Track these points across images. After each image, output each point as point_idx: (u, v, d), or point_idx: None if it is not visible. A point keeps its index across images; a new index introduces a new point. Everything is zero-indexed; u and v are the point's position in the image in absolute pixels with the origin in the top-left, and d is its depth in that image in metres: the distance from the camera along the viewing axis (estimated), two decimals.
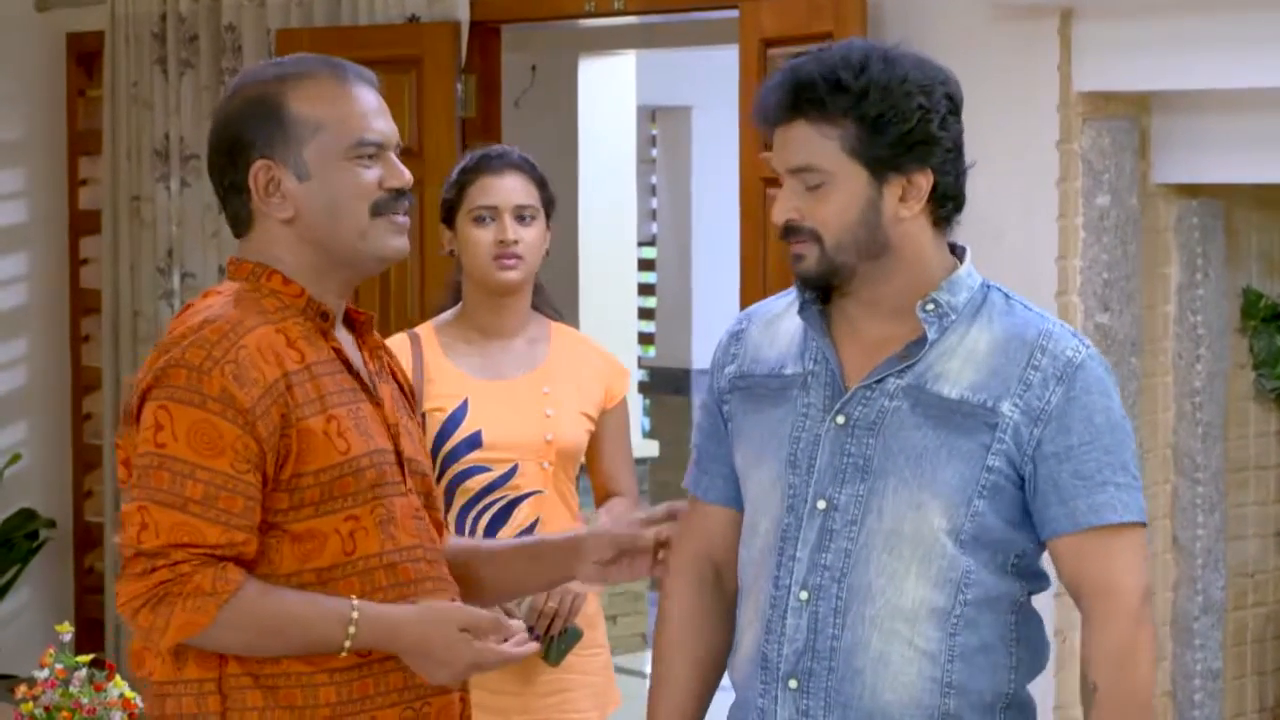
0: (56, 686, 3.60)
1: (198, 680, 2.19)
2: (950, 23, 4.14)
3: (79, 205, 6.12)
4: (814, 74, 2.21)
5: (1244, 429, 4.19)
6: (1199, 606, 4.09)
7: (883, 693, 2.22)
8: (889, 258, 2.25)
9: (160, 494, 2.14)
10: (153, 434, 2.16)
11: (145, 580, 2.14)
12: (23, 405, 6.18)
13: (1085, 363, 2.23)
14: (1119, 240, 3.98)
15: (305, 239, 2.27)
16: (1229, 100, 3.85)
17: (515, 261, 3.23)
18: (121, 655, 5.79)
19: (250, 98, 2.27)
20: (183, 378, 2.16)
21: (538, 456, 3.23)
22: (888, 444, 2.23)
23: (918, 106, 2.20)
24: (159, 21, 5.67)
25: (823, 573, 2.24)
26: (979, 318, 2.26)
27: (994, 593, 2.24)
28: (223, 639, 2.17)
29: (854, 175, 2.21)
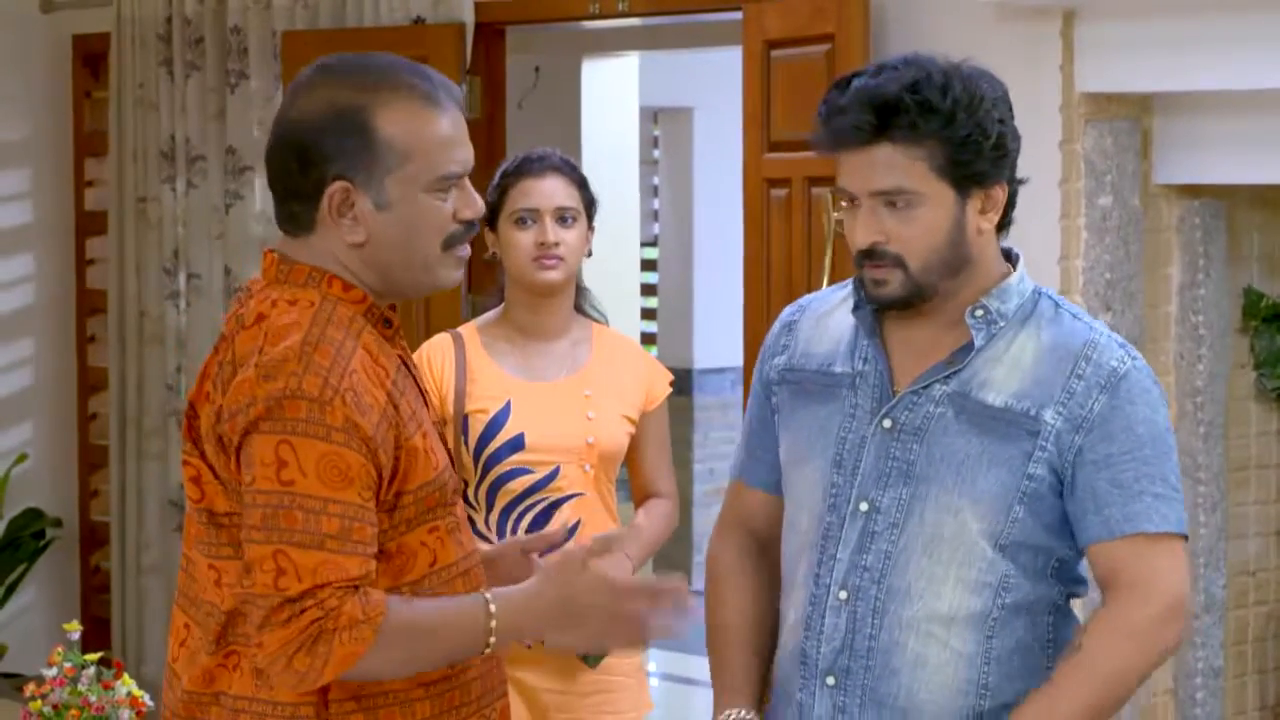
0: (65, 685, 3.62)
1: (292, 704, 2.11)
2: (953, 24, 4.15)
3: (85, 206, 6.13)
4: (899, 95, 2.19)
5: (1245, 428, 4.20)
6: (1200, 605, 4.10)
7: (918, 692, 2.24)
8: (967, 272, 2.27)
9: (296, 535, 2.04)
10: (275, 470, 2.04)
11: (294, 625, 2.04)
12: (29, 405, 6.19)
13: (1130, 373, 2.23)
14: (1121, 240, 3.99)
15: (369, 262, 2.17)
16: (1230, 101, 3.86)
17: (556, 262, 3.23)
18: (129, 653, 5.81)
19: (336, 107, 2.13)
20: (303, 410, 2.05)
21: (579, 459, 3.23)
22: (931, 450, 2.25)
23: (998, 121, 2.22)
24: (165, 23, 5.69)
25: (862, 574, 2.26)
26: (1027, 326, 2.27)
27: (1031, 597, 2.25)
28: (380, 662, 2.08)
29: (942, 195, 2.22)
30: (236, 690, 2.14)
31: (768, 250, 4.43)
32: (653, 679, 6.30)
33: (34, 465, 6.08)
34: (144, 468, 5.83)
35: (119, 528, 5.90)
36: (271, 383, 2.06)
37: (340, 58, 2.21)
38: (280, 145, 2.16)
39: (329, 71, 2.18)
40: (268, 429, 2.05)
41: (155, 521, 5.81)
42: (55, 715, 3.60)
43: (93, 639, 5.28)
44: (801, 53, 4.31)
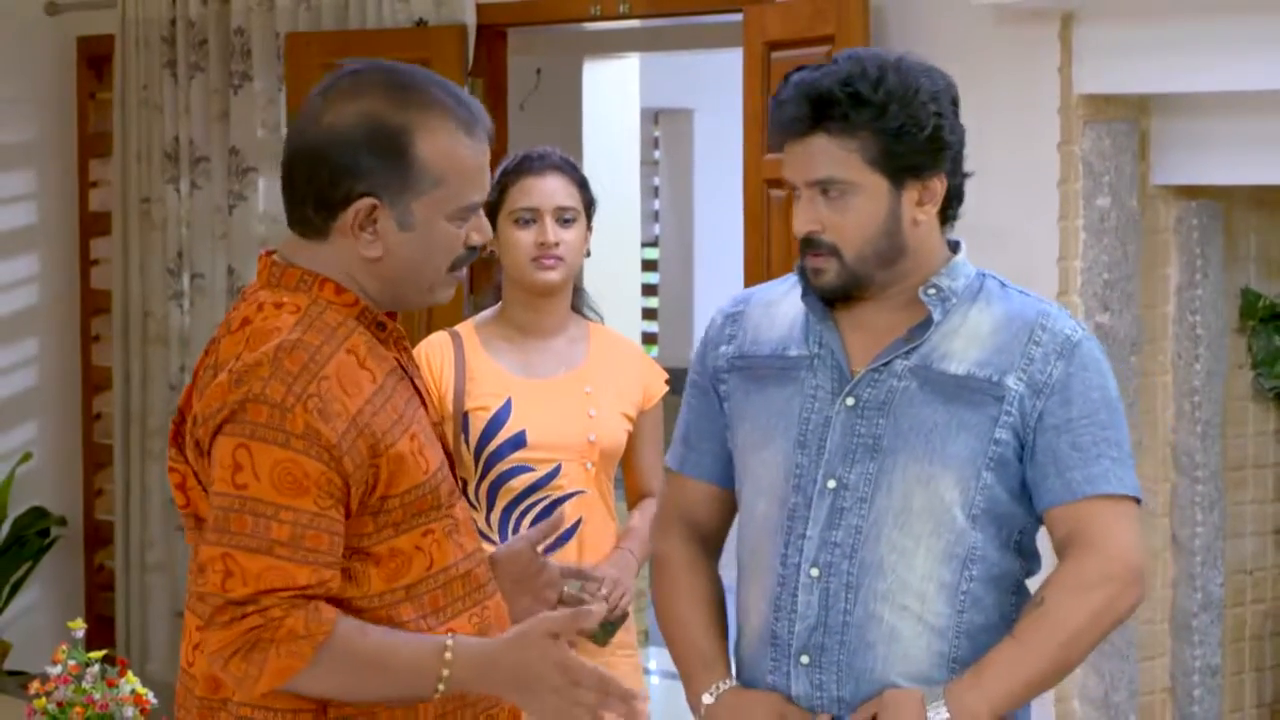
0: (69, 682, 3.61)
1: (292, 710, 2.10)
2: (952, 26, 4.16)
3: (89, 207, 6.15)
4: (832, 88, 2.25)
5: (1242, 428, 4.21)
6: (1198, 603, 4.10)
7: (894, 664, 2.28)
8: (906, 262, 2.31)
9: (244, 539, 2.03)
10: (231, 474, 2.04)
11: (234, 628, 2.04)
12: (34, 404, 6.21)
13: (1083, 342, 2.31)
14: (1119, 241, 4.00)
15: (378, 276, 2.16)
16: (1228, 102, 3.86)
17: (555, 262, 3.22)
18: (133, 651, 5.83)
19: (375, 123, 2.10)
20: (264, 414, 2.04)
21: (581, 457, 3.22)
22: (898, 422, 2.29)
23: (933, 114, 2.27)
24: (169, 25, 5.71)
25: (833, 550, 2.29)
26: (978, 301, 2.33)
27: (997, 570, 2.30)
28: (318, 682, 2.07)
29: (875, 185, 2.27)
30: (239, 698, 2.13)
31: (768, 250, 4.45)
32: (653, 676, 6.31)
33: (38, 464, 6.10)
34: (148, 467, 5.85)
35: (123, 526, 5.92)
36: (240, 388, 2.05)
37: (371, 65, 2.18)
38: (310, 152, 2.13)
39: (364, 82, 2.14)
40: (230, 431, 2.05)
41: (159, 520, 5.83)
42: (60, 713, 3.60)
43: (97, 637, 5.30)
44: (802, 54, 4.32)
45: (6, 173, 6.15)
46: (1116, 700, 3.99)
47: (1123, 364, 3.99)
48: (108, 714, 3.61)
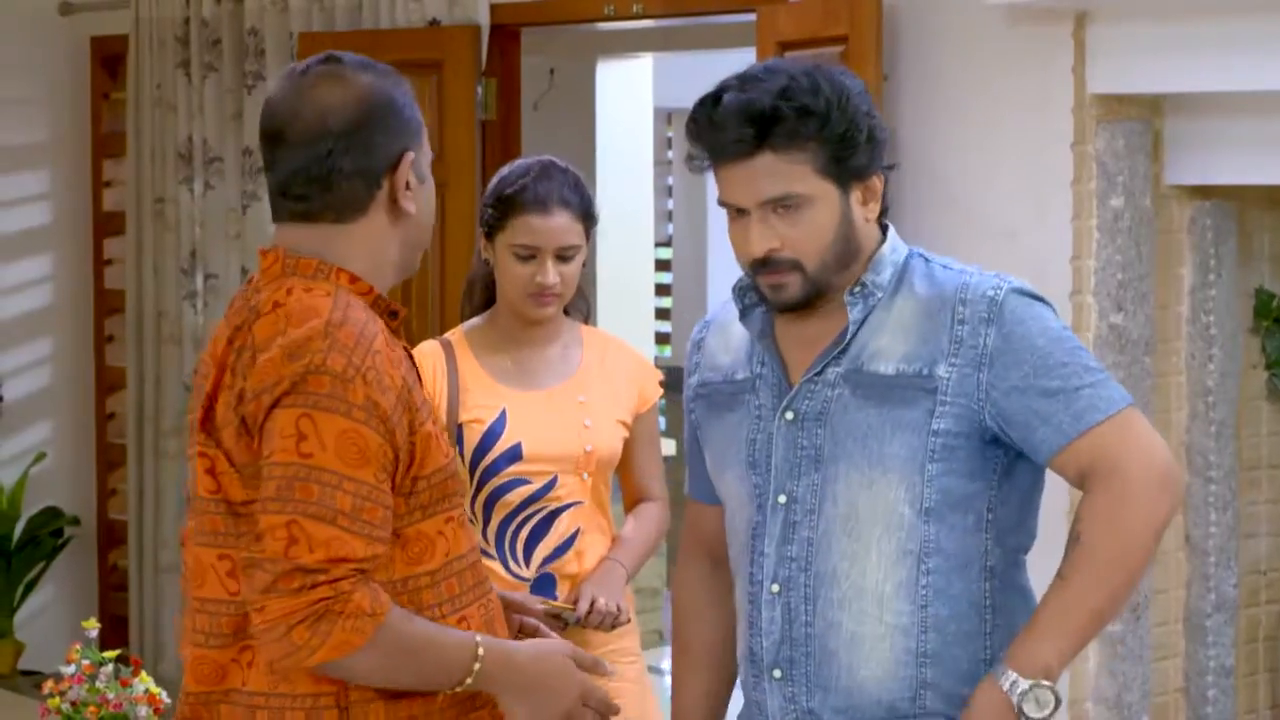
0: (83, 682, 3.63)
1: (312, 695, 2.12)
2: (966, 26, 4.17)
3: (103, 207, 6.18)
4: (776, 104, 2.24)
5: (1256, 428, 4.21)
6: (1211, 604, 4.10)
7: (858, 670, 2.28)
8: (855, 261, 2.33)
9: (310, 506, 2.04)
10: (295, 443, 2.05)
11: (303, 596, 2.04)
12: (48, 405, 6.24)
13: (1007, 298, 2.26)
14: (1133, 241, 4.00)
15: (405, 239, 2.24)
16: (1241, 102, 3.86)
17: (551, 300, 3.16)
18: (146, 650, 5.85)
19: (388, 87, 2.21)
20: (326, 385, 2.07)
21: (577, 468, 3.17)
22: (835, 431, 2.29)
23: (865, 114, 2.28)
24: (182, 25, 5.73)
25: (790, 564, 2.31)
26: (902, 288, 2.32)
27: (958, 559, 2.28)
28: (365, 662, 2.08)
29: (826, 193, 2.27)
30: (252, 686, 2.14)
31: None
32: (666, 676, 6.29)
33: (52, 464, 6.13)
34: (161, 466, 5.86)
35: (136, 526, 5.94)
36: (296, 361, 2.07)
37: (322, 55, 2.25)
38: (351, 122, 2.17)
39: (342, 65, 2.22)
40: (290, 403, 2.06)
41: (172, 520, 5.84)
42: (74, 712, 3.62)
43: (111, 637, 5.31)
44: (815, 54, 4.31)
45: (21, 173, 6.17)
46: (1130, 701, 3.99)
47: (1136, 364, 3.99)
48: (121, 713, 3.62)
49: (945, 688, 2.28)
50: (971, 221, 4.09)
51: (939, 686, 2.28)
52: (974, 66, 4.17)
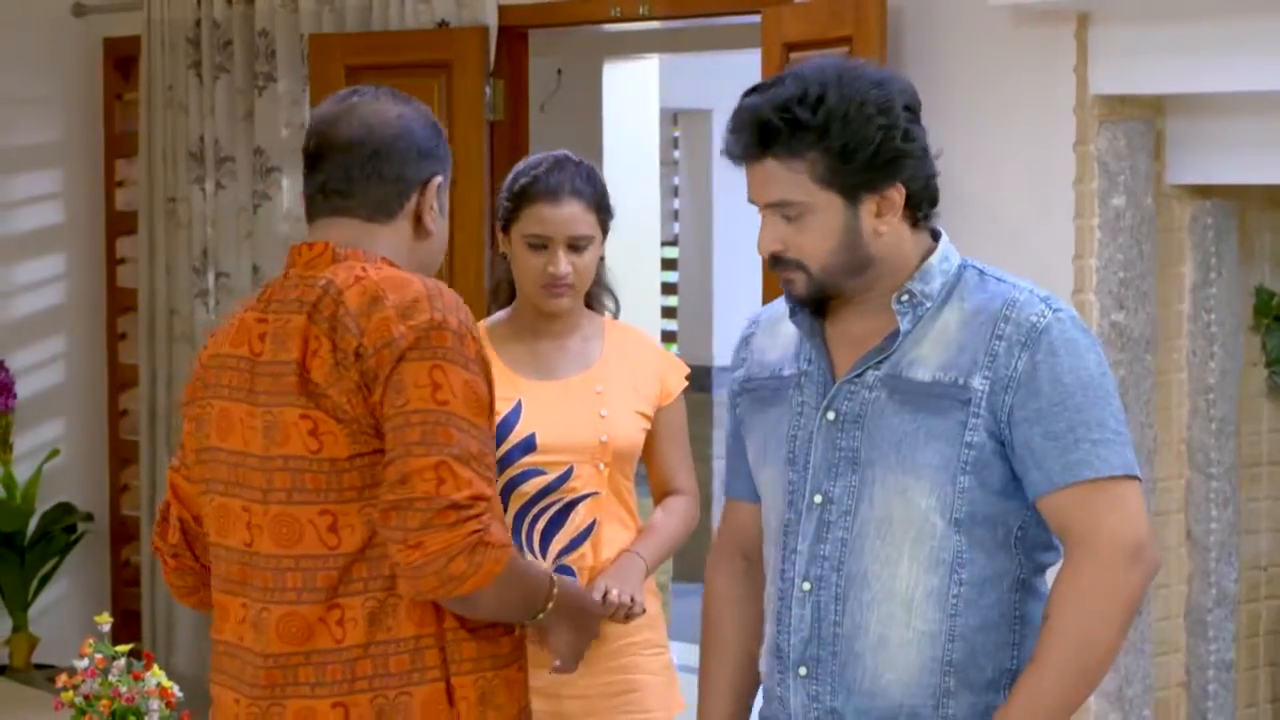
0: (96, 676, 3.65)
1: (414, 637, 2.28)
2: (969, 27, 4.19)
3: (116, 206, 6.20)
4: (770, 116, 2.26)
5: (1257, 425, 4.22)
6: (1212, 599, 4.11)
7: (884, 673, 2.28)
8: (874, 270, 2.32)
9: (453, 449, 2.22)
10: (430, 392, 2.23)
11: (459, 530, 2.20)
12: (61, 402, 6.26)
13: (1050, 326, 2.24)
14: (1134, 240, 4.01)
15: (418, 257, 2.43)
16: (1242, 103, 3.88)
17: (564, 290, 3.17)
18: (158, 644, 5.88)
19: (430, 119, 2.45)
20: (448, 339, 2.26)
21: (593, 458, 3.16)
22: (871, 434, 2.29)
23: (879, 128, 2.25)
24: (194, 27, 5.76)
25: (822, 563, 2.31)
26: (952, 299, 2.31)
27: (990, 571, 2.27)
28: (497, 591, 2.26)
29: (829, 203, 2.27)
30: (350, 641, 2.26)
31: None
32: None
33: (65, 461, 6.15)
34: None
35: (148, 522, 5.95)
36: (415, 317, 2.26)
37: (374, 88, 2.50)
38: (414, 135, 2.41)
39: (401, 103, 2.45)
40: (416, 356, 2.24)
41: None
42: (87, 705, 3.64)
43: (123, 631, 5.34)
44: (820, 55, 4.34)
45: (34, 172, 6.20)
46: (1131, 695, 4.02)
47: (1138, 362, 4.01)
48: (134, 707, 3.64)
49: (969, 698, 2.28)
50: (974, 220, 4.11)
51: (962, 696, 2.28)
52: (977, 67, 4.19)
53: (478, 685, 2.30)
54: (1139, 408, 4.00)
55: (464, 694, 2.29)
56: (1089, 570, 2.20)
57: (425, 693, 2.26)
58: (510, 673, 2.37)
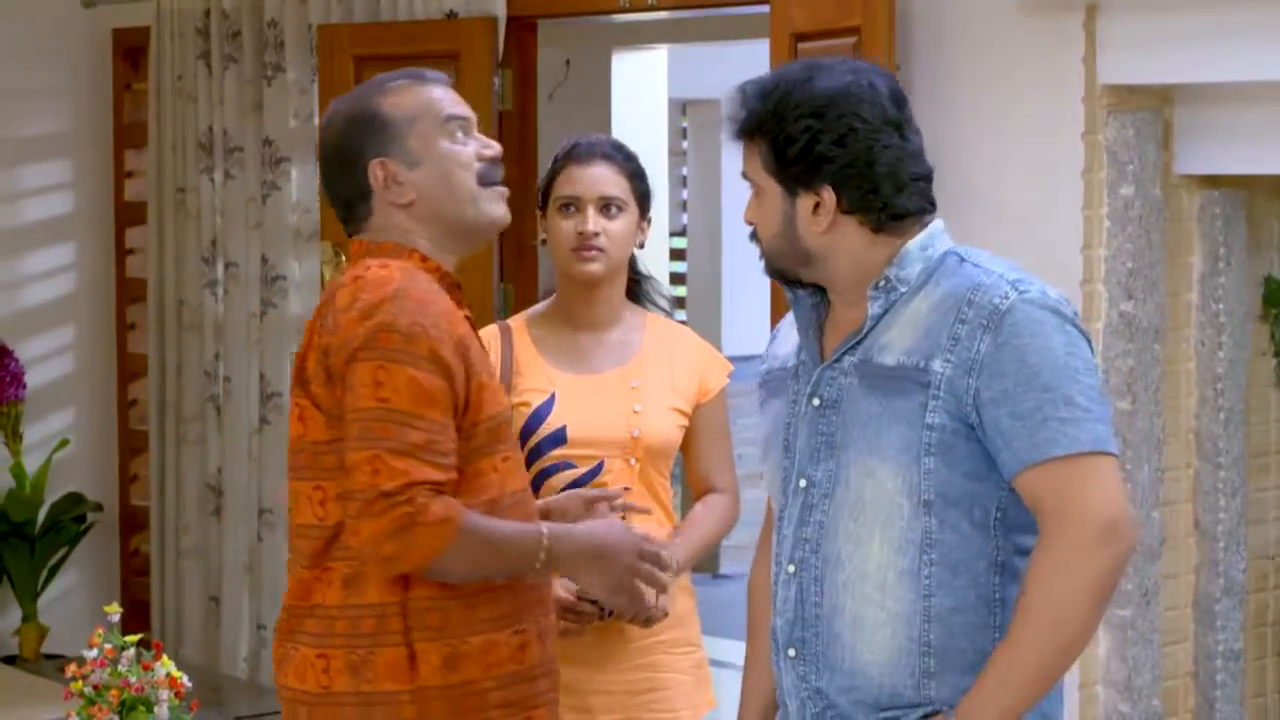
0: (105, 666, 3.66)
1: (380, 604, 2.49)
2: (977, 17, 4.19)
3: (125, 197, 6.22)
4: (737, 99, 2.38)
5: (1265, 414, 4.22)
6: (1220, 589, 4.12)
7: (862, 654, 2.31)
8: (818, 265, 2.37)
9: (389, 443, 2.42)
10: (373, 390, 2.44)
11: (388, 515, 2.41)
12: (70, 392, 6.28)
13: (1014, 307, 2.25)
14: (1143, 230, 4.02)
15: (425, 217, 2.59)
16: (1250, 92, 3.88)
17: (595, 253, 3.16)
18: (168, 634, 5.90)
19: (349, 115, 2.61)
20: (396, 341, 2.44)
21: (624, 453, 3.15)
22: (844, 418, 2.33)
23: (805, 129, 2.31)
24: (203, 17, 5.77)
25: (804, 546, 2.35)
26: (927, 285, 2.33)
27: (963, 553, 2.28)
28: (454, 561, 2.45)
29: (773, 190, 2.36)
30: (330, 601, 2.51)
31: None
32: None
33: (75, 450, 6.17)
34: (182, 452, 5.91)
35: (158, 512, 5.98)
36: (369, 320, 2.46)
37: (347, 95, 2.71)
38: (326, 167, 2.64)
39: (340, 103, 2.66)
40: (365, 357, 2.45)
41: (193, 506, 5.89)
42: (96, 695, 3.66)
43: (132, 621, 5.36)
44: (828, 45, 4.34)
45: (43, 162, 6.22)
46: (1139, 684, 4.02)
47: (1146, 351, 4.01)
48: (143, 697, 3.66)
49: (950, 679, 2.29)
50: (983, 210, 4.12)
51: (943, 677, 2.29)
52: (986, 57, 4.19)
53: (441, 650, 2.49)
54: (1147, 397, 4.00)
55: (427, 658, 2.49)
56: (1060, 547, 2.20)
57: (389, 654, 2.49)
58: (492, 637, 2.53)
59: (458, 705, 2.50)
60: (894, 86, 2.36)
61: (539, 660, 2.59)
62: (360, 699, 2.49)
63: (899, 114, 2.34)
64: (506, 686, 2.54)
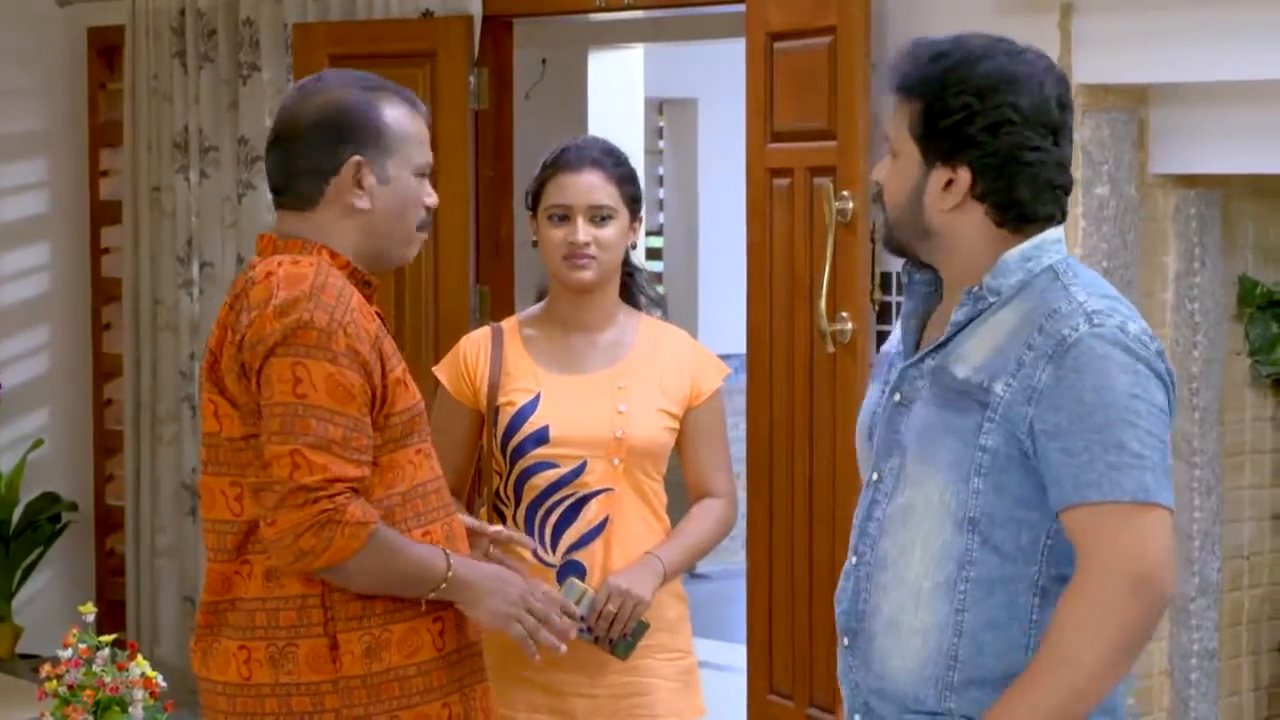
0: (80, 665, 3.67)
1: (301, 595, 2.52)
2: (952, 17, 4.18)
3: (100, 196, 6.20)
4: (905, 55, 2.32)
5: (1240, 414, 4.23)
6: (1195, 588, 4.13)
7: (891, 657, 2.30)
8: (935, 243, 2.32)
9: (308, 438, 2.46)
10: (291, 386, 2.47)
11: (307, 509, 2.45)
12: (46, 392, 6.26)
13: (1080, 340, 2.19)
14: (1118, 230, 4.03)
15: (367, 230, 2.61)
16: (1226, 92, 3.89)
17: (587, 262, 3.15)
18: (143, 634, 5.88)
19: (351, 103, 2.60)
20: (313, 337, 2.47)
21: (607, 453, 3.12)
22: (911, 421, 2.31)
23: (962, 106, 2.25)
24: (178, 16, 5.76)
25: (866, 539, 2.35)
26: (1016, 299, 2.28)
27: (1001, 574, 2.25)
28: (360, 566, 2.49)
29: (910, 155, 2.30)
30: (251, 594, 2.54)
31: (770, 239, 4.48)
32: None
33: (50, 450, 6.15)
34: (158, 452, 5.90)
35: (134, 512, 5.97)
36: (286, 317, 2.48)
37: (331, 70, 2.74)
38: (309, 130, 2.60)
39: (337, 80, 2.65)
40: (283, 353, 2.48)
41: (169, 505, 5.88)
42: (70, 695, 3.65)
43: (108, 621, 5.35)
44: (804, 44, 4.35)
45: (19, 162, 6.20)
46: None
47: None
48: (118, 697, 3.66)
49: (972, 693, 2.26)
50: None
51: (965, 691, 2.27)
52: None
53: (363, 640, 2.53)
54: None
55: (349, 648, 2.53)
56: (1086, 592, 2.17)
57: (309, 645, 2.52)
58: (414, 624, 2.57)
59: (379, 693, 2.54)
60: (1063, 92, 2.31)
61: (457, 645, 2.62)
62: (280, 690, 2.53)
63: (1059, 119, 2.29)
64: (427, 673, 2.58)
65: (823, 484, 4.33)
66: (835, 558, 4.17)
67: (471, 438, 3.22)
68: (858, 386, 4.21)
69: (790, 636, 4.44)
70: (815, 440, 4.35)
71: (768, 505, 4.48)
